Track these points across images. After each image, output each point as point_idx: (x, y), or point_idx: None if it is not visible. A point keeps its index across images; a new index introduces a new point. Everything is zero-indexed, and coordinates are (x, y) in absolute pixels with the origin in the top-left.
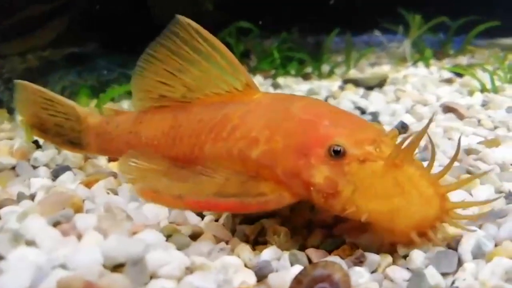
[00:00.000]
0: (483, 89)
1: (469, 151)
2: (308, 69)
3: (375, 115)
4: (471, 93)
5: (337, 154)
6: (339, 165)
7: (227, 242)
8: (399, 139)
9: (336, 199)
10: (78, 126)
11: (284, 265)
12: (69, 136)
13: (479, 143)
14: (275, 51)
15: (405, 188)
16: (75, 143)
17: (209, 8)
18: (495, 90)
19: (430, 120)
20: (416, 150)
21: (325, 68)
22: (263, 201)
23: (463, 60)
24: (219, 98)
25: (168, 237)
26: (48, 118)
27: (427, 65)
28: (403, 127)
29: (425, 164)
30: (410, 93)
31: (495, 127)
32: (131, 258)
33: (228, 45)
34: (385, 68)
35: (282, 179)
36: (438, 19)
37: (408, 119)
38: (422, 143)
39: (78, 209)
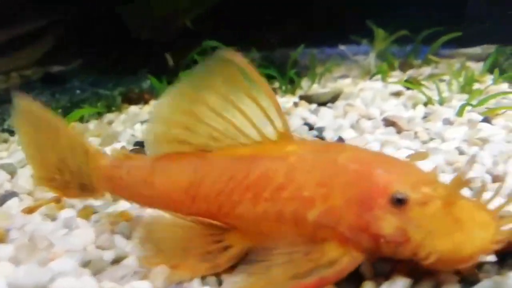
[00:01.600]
0: (428, 102)
1: None
2: (276, 85)
3: (320, 131)
4: (414, 106)
5: (400, 202)
6: (403, 212)
7: None
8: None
9: (407, 246)
10: (86, 167)
11: None
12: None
13: (408, 156)
14: None
15: (464, 222)
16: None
17: (187, 24)
18: (442, 101)
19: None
20: None
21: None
22: (340, 270)
23: (426, 70)
24: (245, 150)
25: (87, 262)
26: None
27: (384, 78)
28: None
29: None
30: (358, 107)
31: (431, 139)
32: (36, 287)
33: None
34: (347, 82)
35: (347, 236)
36: (400, 33)
37: (350, 134)
38: None
39: (2, 239)
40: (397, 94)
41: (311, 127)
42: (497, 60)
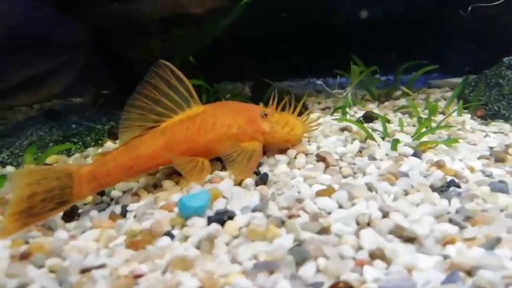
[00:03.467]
0: (369, 137)
1: (300, 200)
2: None
3: (258, 165)
4: (353, 141)
5: (266, 115)
6: (268, 120)
7: None
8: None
9: (276, 134)
10: (70, 182)
11: None
12: (57, 197)
13: (318, 191)
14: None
15: (290, 122)
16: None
17: (190, 59)
18: (387, 135)
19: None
20: None
21: None
22: (259, 150)
23: (402, 102)
24: (186, 114)
25: None
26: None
27: (344, 112)
28: (261, 178)
29: None
30: (300, 144)
31: (354, 173)
32: None
33: None
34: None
35: (253, 136)
36: (371, 68)
37: (282, 169)
38: None
39: None
40: (344, 129)
41: None
42: (463, 91)
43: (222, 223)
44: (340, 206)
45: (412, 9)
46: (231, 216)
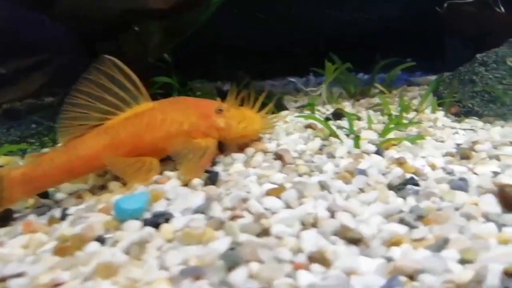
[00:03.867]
0: (332, 134)
1: (245, 200)
2: None
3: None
4: (314, 138)
5: (221, 110)
6: (223, 115)
7: None
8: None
9: (231, 130)
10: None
11: None
12: None
13: (268, 190)
14: None
15: (248, 117)
16: None
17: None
18: (352, 132)
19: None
20: None
21: None
22: (213, 147)
23: (378, 99)
24: (133, 111)
25: None
26: None
27: (312, 110)
28: (210, 178)
29: None
30: (260, 141)
31: (312, 172)
32: None
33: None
34: (284, 113)
35: (206, 132)
36: (344, 66)
37: (238, 168)
38: None
39: None
40: (309, 126)
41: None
42: (438, 88)
43: (157, 226)
44: (288, 206)
45: (394, 8)
46: (168, 219)
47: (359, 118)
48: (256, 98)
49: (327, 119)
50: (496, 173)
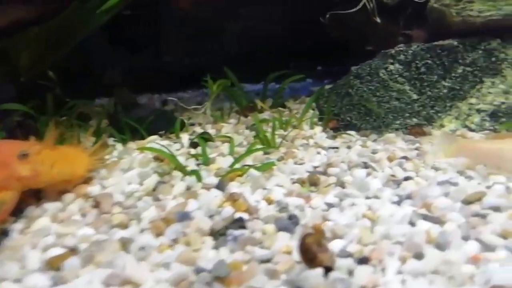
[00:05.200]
0: (178, 168)
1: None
2: None
3: None
4: (154, 174)
5: (25, 156)
6: (29, 160)
7: None
8: None
9: (41, 178)
10: None
11: None
12: None
13: (50, 259)
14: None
15: (70, 158)
16: None
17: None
18: (206, 162)
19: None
20: None
21: None
22: (10, 203)
23: (266, 115)
24: None
25: None
26: None
27: (177, 135)
28: None
29: None
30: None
31: (130, 221)
32: None
33: None
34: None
35: (3, 185)
36: (226, 81)
37: (42, 224)
38: None
39: None
40: (157, 158)
41: None
42: (317, 101)
43: None
44: (55, 284)
45: (289, 16)
46: None
47: (230, 141)
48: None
49: (194, 144)
50: (330, 206)
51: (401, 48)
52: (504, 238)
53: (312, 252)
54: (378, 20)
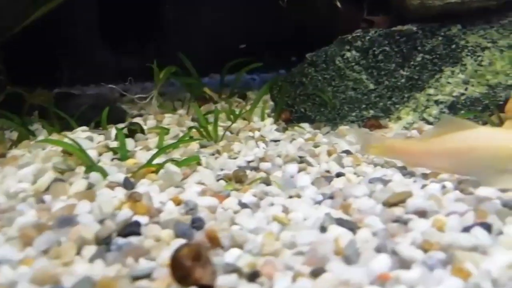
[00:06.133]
0: (84, 163)
1: None
2: None
3: None
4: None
5: None
6: None
7: None
8: None
9: None
10: None
11: None
12: None
13: None
14: None
15: None
16: None
17: None
18: (124, 157)
19: None
20: None
21: None
22: None
23: (217, 105)
24: None
25: None
26: None
27: (104, 126)
28: None
29: None
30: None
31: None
32: None
33: None
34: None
35: None
36: (172, 69)
37: None
38: None
39: None
40: (65, 152)
41: None
42: (271, 91)
43: None
44: None
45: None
46: None
47: (167, 133)
48: None
49: (126, 135)
50: (244, 207)
51: (358, 34)
52: (424, 251)
53: (185, 268)
54: (339, 4)
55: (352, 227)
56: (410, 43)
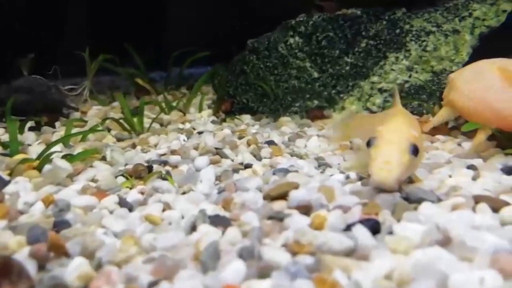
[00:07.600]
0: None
1: None
2: None
3: None
4: None
5: None
6: None
7: None
8: None
9: None
10: None
11: None
12: None
13: None
14: None
15: None
16: None
17: None
18: (16, 151)
19: None
20: None
21: None
22: None
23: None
24: None
25: None
26: None
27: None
28: None
29: None
30: None
31: None
32: None
33: None
34: None
35: None
36: (105, 56)
37: None
38: None
39: None
40: None
41: None
42: (211, 80)
43: None
44: None
45: None
46: None
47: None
48: None
49: (32, 128)
50: (123, 205)
51: (301, 19)
52: (292, 254)
53: None
54: None
55: (224, 225)
56: (355, 28)
